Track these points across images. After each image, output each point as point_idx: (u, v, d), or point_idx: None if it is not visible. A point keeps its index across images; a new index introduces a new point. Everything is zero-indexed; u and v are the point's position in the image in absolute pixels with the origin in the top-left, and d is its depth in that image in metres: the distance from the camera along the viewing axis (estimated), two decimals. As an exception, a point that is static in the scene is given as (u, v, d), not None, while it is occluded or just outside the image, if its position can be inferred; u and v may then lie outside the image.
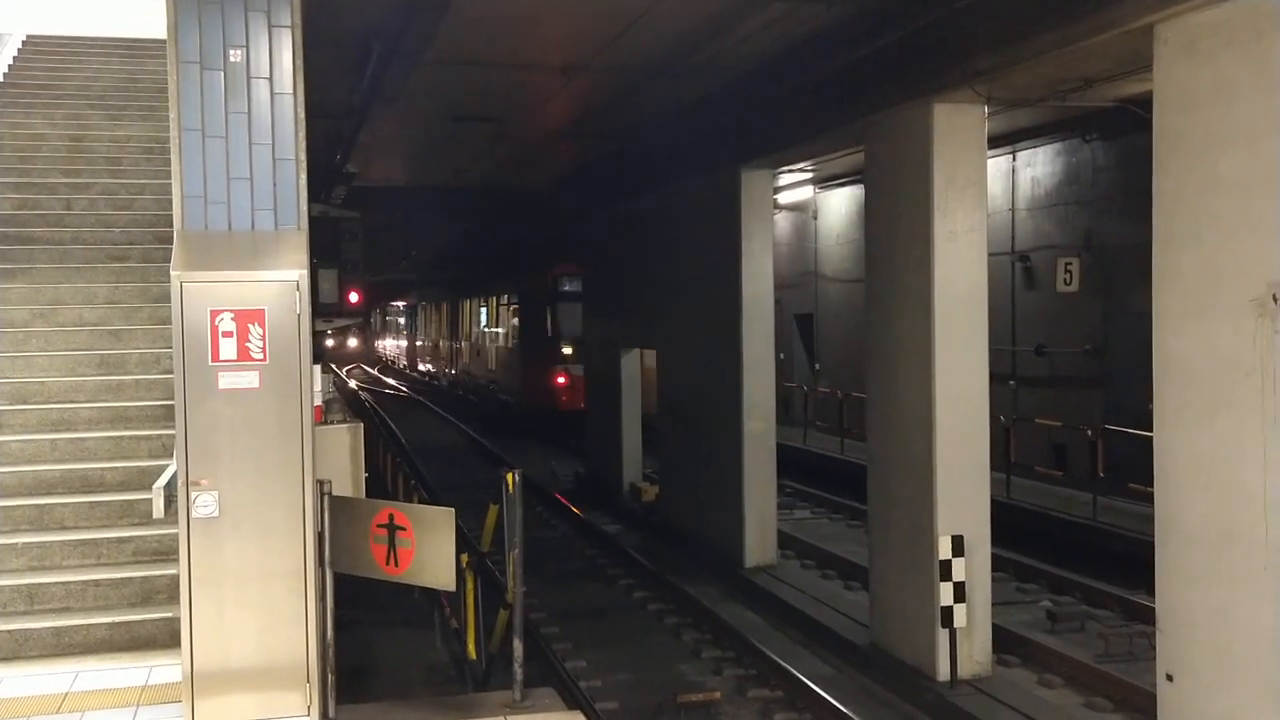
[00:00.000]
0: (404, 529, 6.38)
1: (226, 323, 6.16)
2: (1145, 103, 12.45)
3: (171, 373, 9.72)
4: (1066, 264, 16.46)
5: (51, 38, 17.50)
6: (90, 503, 8.64)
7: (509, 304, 32.99)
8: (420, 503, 11.26)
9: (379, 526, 6.43)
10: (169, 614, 7.75)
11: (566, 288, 26.91)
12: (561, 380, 27.36)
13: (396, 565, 6.42)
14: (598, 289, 21.52)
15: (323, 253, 6.45)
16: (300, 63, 6.43)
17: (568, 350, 27.45)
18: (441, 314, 48.47)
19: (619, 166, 17.84)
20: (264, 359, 6.20)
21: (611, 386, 20.05)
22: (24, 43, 16.70)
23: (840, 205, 22.39)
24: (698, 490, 16.01)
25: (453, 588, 6.74)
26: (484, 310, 37.37)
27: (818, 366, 23.64)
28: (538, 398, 28.68)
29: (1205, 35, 6.95)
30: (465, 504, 12.28)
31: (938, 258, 10.04)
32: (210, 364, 6.18)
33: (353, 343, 79.07)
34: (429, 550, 6.33)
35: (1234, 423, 6.78)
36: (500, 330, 34.63)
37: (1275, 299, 6.52)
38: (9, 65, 16.33)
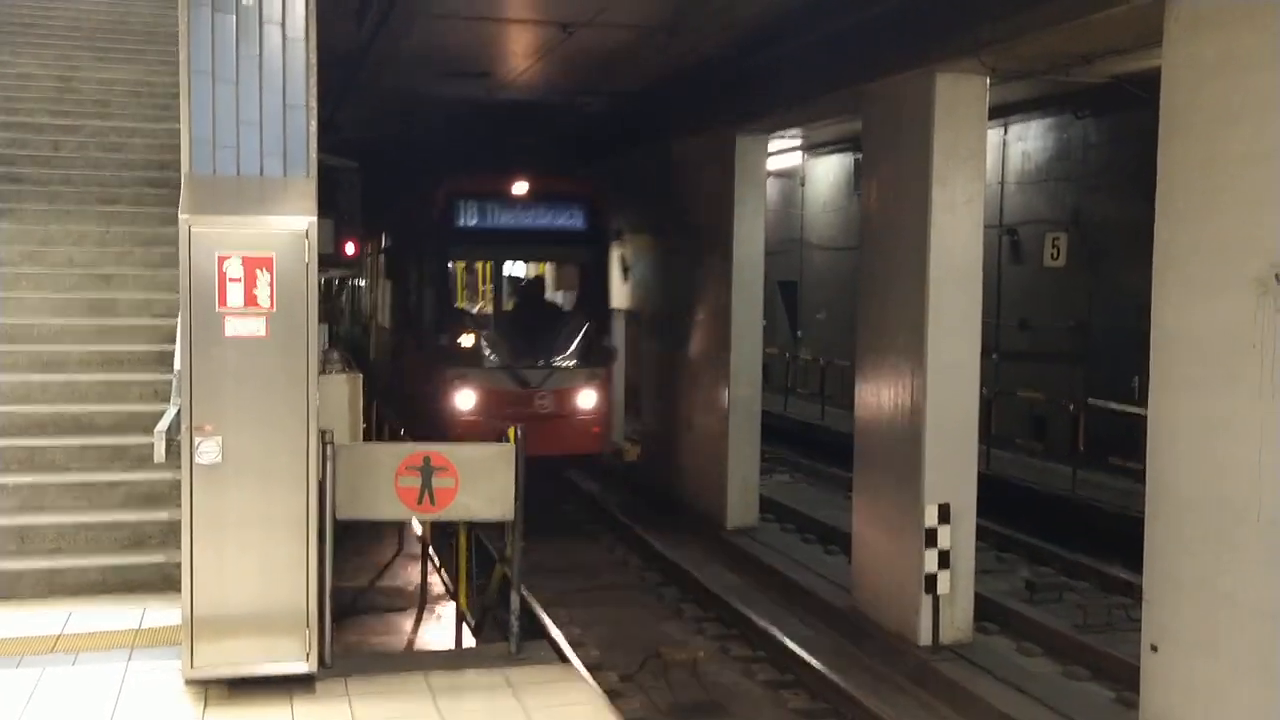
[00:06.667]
0: (444, 469, 6.65)
1: (234, 268, 6.11)
2: (1141, 80, 12.61)
3: (162, 318, 9.79)
4: (1054, 239, 16.56)
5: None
6: (81, 445, 8.62)
7: (381, 252, 20.77)
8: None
9: (409, 469, 6.62)
10: (161, 558, 7.77)
11: (469, 219, 15.26)
12: (463, 402, 14.65)
13: (433, 504, 6.72)
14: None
15: (319, 202, 6.42)
16: (314, 7, 6.35)
17: (471, 339, 15.14)
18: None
19: (611, 125, 17.73)
20: (271, 307, 6.15)
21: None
22: (10, -21, 16.41)
23: (828, 173, 22.39)
24: (681, 452, 16.06)
25: (510, 518, 6.95)
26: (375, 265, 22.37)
27: (799, 334, 23.71)
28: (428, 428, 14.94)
29: (1217, 9, 6.96)
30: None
31: (934, 228, 10.05)
32: (217, 310, 6.12)
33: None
34: (482, 485, 6.77)
35: (1231, 396, 6.83)
36: (377, 298, 21.80)
37: (1277, 278, 6.58)
38: (-5, 2, 16.05)
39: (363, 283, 24.54)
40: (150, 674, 6.42)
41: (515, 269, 21.74)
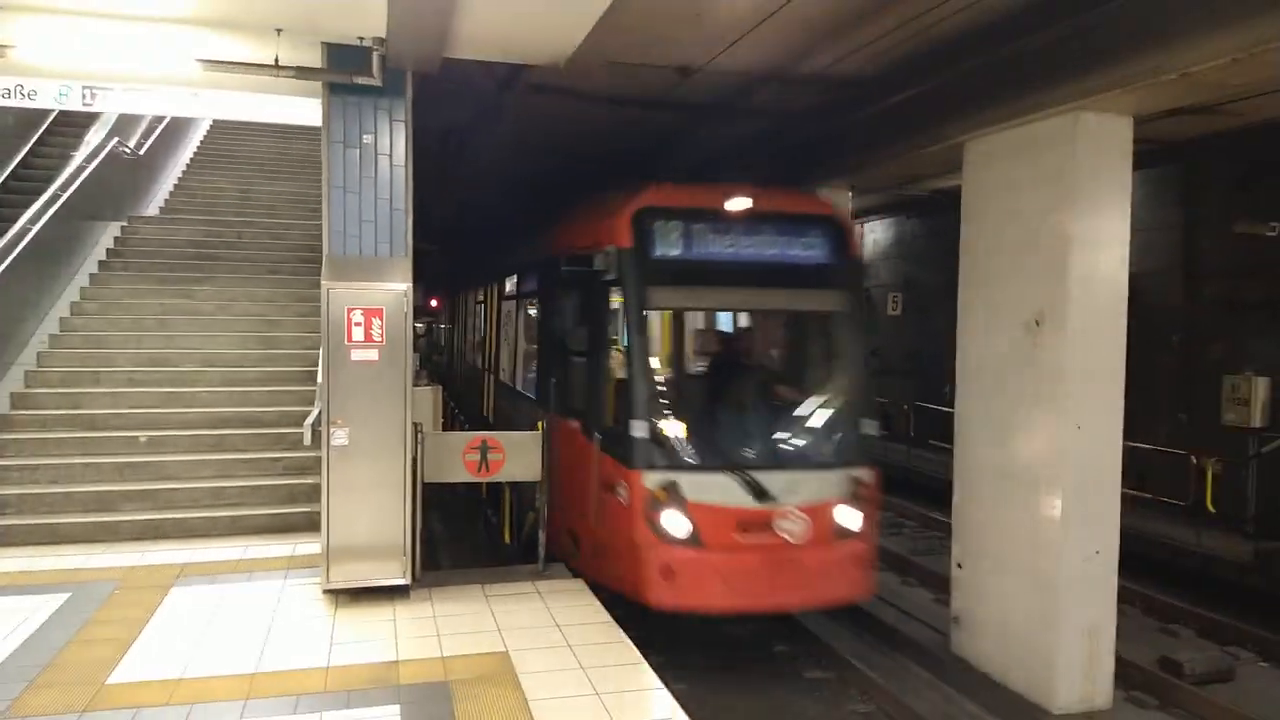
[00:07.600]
0: (496, 448, 6.60)
1: (358, 316, 6.08)
2: (949, 193, 12.64)
3: (310, 349, 9.71)
4: (893, 296, 16.62)
5: (229, 121, 17.08)
6: (254, 434, 8.55)
7: (506, 299, 9.96)
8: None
9: (472, 449, 6.56)
10: (308, 509, 7.69)
11: (671, 248, 6.27)
12: (672, 525, 5.82)
13: (488, 471, 6.64)
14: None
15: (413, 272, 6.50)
16: (410, 145, 6.34)
17: (680, 426, 6.08)
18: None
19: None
20: (381, 342, 6.13)
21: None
22: (211, 125, 16.36)
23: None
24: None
25: (539, 478, 6.77)
26: (477, 313, 12.73)
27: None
28: (588, 561, 6.66)
29: (999, 149, 7.02)
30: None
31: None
32: (346, 344, 6.09)
33: None
34: (521, 457, 6.70)
35: (1008, 400, 6.87)
36: (490, 348, 10.63)
37: (1036, 323, 6.62)
38: (201, 139, 16.01)
39: (471, 327, 13.97)
40: (300, 587, 6.35)
41: (728, 320, 9.19)
